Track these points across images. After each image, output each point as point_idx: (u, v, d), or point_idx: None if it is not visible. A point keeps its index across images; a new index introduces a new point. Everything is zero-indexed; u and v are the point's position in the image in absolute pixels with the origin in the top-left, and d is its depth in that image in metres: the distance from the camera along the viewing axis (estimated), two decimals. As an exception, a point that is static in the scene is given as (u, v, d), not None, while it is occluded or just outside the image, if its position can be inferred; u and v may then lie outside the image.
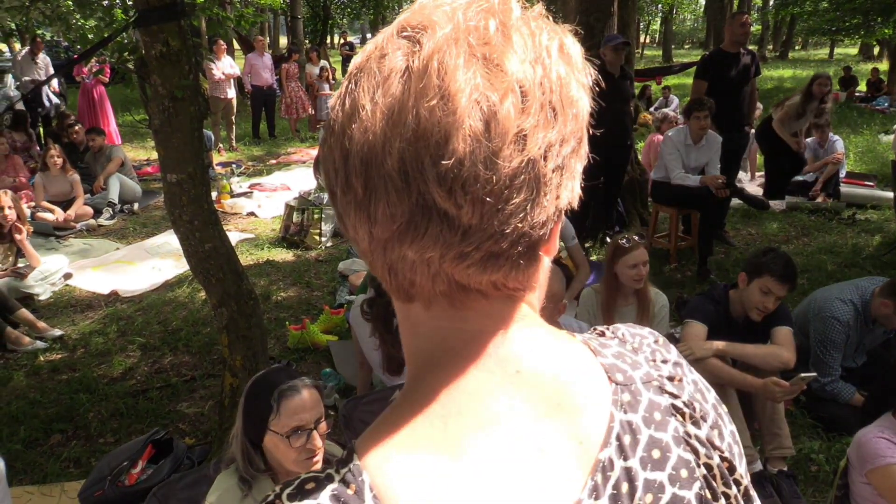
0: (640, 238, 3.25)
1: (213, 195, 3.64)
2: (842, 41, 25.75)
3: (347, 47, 20.09)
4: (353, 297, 4.34)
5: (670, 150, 5.18)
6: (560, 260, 4.09)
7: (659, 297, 3.28)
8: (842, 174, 7.31)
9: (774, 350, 2.90)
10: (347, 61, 19.15)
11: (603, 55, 5.20)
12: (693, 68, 7.60)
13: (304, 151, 10.46)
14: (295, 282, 5.26)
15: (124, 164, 7.44)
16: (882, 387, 3.01)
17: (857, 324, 3.33)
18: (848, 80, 15.49)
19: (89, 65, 9.16)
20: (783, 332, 2.95)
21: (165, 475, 2.72)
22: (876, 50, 27.39)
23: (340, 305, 4.65)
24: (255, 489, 1.71)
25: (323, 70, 11.57)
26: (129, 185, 7.30)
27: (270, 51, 16.43)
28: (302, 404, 1.72)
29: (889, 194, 6.66)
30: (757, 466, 2.84)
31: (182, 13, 2.64)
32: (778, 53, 30.71)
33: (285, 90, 11.40)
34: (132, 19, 2.81)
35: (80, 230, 6.57)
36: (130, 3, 3.74)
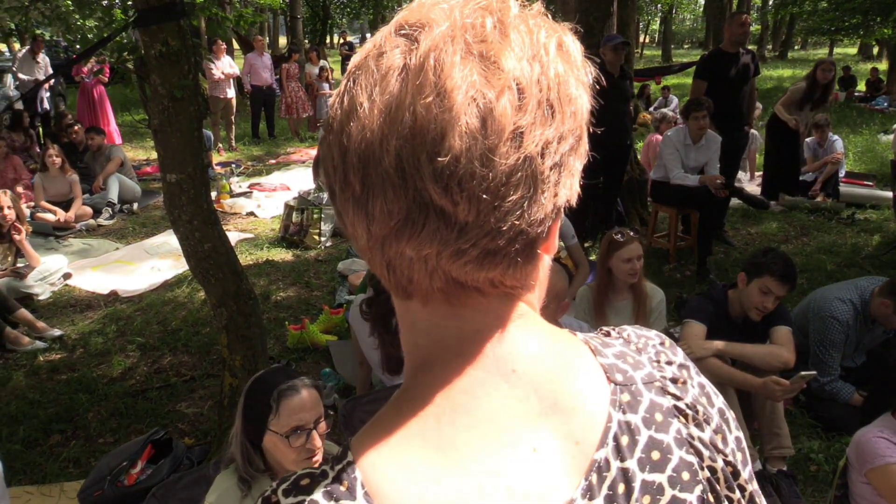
0: (634, 233, 3.25)
1: (213, 195, 3.63)
2: (841, 41, 25.76)
3: (347, 47, 20.08)
4: (353, 297, 4.34)
5: (669, 149, 5.18)
6: (559, 259, 4.09)
7: (655, 293, 3.26)
8: (841, 174, 7.31)
9: (774, 350, 2.90)
10: (347, 61, 19.15)
11: (602, 55, 5.20)
12: (692, 68, 7.60)
13: (304, 151, 10.45)
14: (294, 282, 5.26)
15: (123, 163, 7.43)
16: (881, 386, 3.01)
17: (856, 323, 3.33)
18: (847, 80, 15.48)
19: (89, 64, 9.16)
20: (782, 331, 2.94)
21: (165, 475, 2.72)
22: (875, 50, 27.40)
23: (340, 305, 4.65)
24: (255, 489, 1.71)
25: (322, 70, 11.56)
26: (128, 185, 7.29)
27: (270, 51, 16.42)
28: (301, 404, 1.71)
29: (888, 194, 6.66)
30: (756, 466, 2.84)
31: (182, 13, 2.64)
32: (777, 53, 30.69)
33: (285, 90, 11.38)
34: (132, 19, 2.81)
35: (80, 230, 6.56)
36: (130, 3, 3.74)
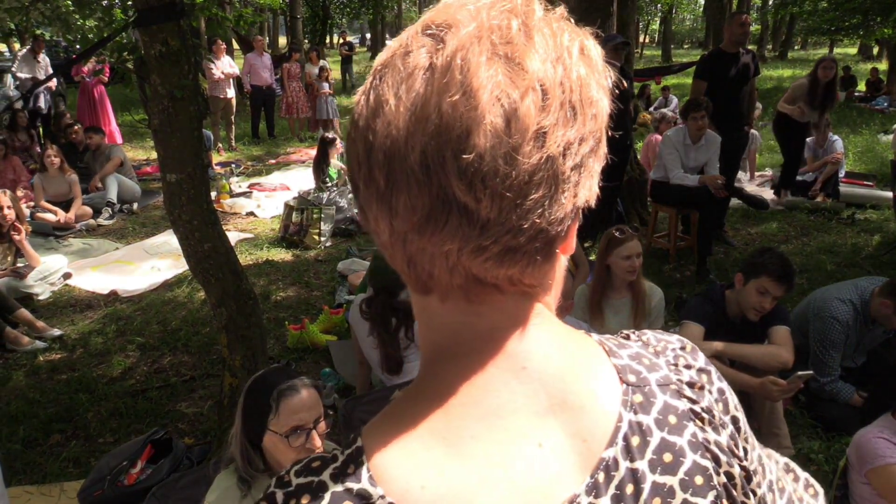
0: (633, 230, 3.24)
1: (213, 195, 3.64)
2: (841, 41, 25.72)
3: (346, 47, 20.02)
4: (353, 297, 4.35)
5: (669, 149, 5.18)
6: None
7: (654, 292, 3.26)
8: (841, 174, 7.31)
9: (773, 350, 2.90)
10: (346, 61, 19.12)
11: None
12: (692, 68, 7.60)
13: (304, 151, 10.45)
14: (294, 282, 5.26)
15: (123, 163, 7.43)
16: (881, 387, 3.01)
17: (856, 324, 3.32)
18: (847, 80, 15.47)
19: (89, 64, 9.16)
20: (781, 331, 2.94)
21: (165, 475, 2.72)
22: (875, 50, 27.38)
23: (340, 305, 4.65)
24: (255, 489, 1.71)
25: (322, 70, 11.55)
26: (128, 184, 7.29)
27: (270, 51, 16.40)
28: (301, 404, 1.72)
29: (888, 194, 6.66)
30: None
31: (181, 13, 2.64)
32: (777, 53, 30.66)
33: (287, 89, 11.38)
34: (132, 19, 2.81)
35: (80, 230, 6.56)
36: (130, 3, 3.74)
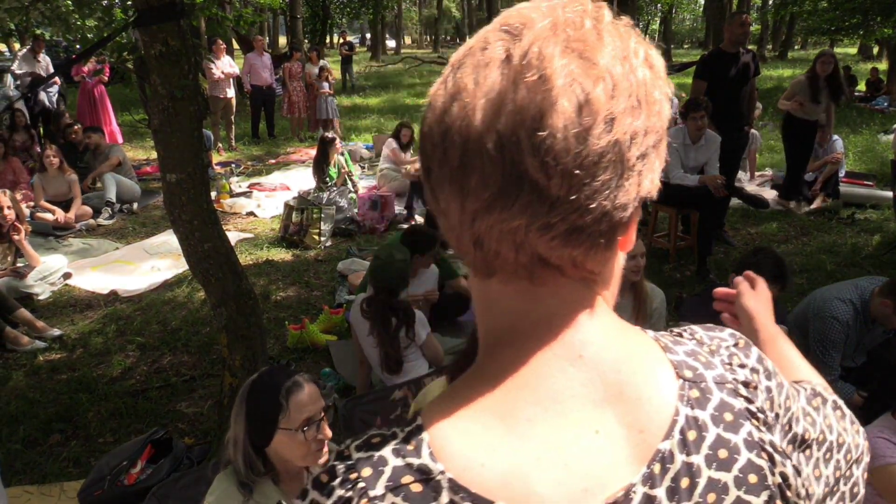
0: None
1: (213, 195, 3.64)
2: (841, 41, 25.69)
3: (346, 47, 20.01)
4: (353, 297, 4.35)
5: (669, 149, 5.16)
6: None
7: (655, 294, 3.25)
8: (841, 174, 7.31)
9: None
10: (346, 61, 19.11)
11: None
12: (692, 68, 7.60)
13: (304, 151, 10.45)
14: (294, 281, 5.26)
15: (123, 163, 7.43)
16: (881, 386, 3.01)
17: (856, 323, 3.32)
18: (847, 80, 15.48)
19: (89, 64, 9.16)
20: (780, 331, 2.93)
21: (165, 475, 2.72)
22: (875, 50, 27.37)
23: (340, 305, 4.65)
24: (256, 492, 1.71)
25: (322, 70, 11.55)
26: (128, 184, 7.29)
27: (270, 50, 16.39)
28: (308, 397, 1.75)
29: (888, 194, 6.67)
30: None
31: (181, 13, 2.64)
32: (777, 53, 30.65)
33: (288, 89, 11.38)
34: (131, 19, 2.81)
35: (80, 230, 6.56)
36: (130, 3, 3.74)
